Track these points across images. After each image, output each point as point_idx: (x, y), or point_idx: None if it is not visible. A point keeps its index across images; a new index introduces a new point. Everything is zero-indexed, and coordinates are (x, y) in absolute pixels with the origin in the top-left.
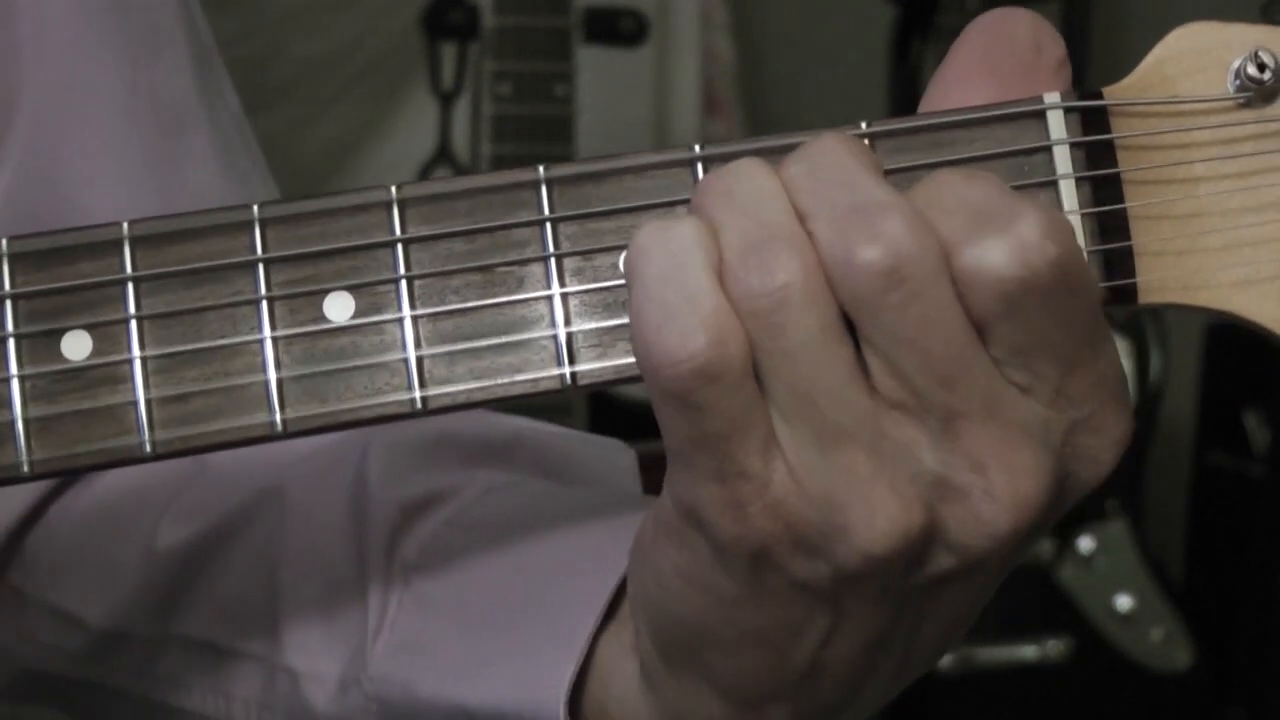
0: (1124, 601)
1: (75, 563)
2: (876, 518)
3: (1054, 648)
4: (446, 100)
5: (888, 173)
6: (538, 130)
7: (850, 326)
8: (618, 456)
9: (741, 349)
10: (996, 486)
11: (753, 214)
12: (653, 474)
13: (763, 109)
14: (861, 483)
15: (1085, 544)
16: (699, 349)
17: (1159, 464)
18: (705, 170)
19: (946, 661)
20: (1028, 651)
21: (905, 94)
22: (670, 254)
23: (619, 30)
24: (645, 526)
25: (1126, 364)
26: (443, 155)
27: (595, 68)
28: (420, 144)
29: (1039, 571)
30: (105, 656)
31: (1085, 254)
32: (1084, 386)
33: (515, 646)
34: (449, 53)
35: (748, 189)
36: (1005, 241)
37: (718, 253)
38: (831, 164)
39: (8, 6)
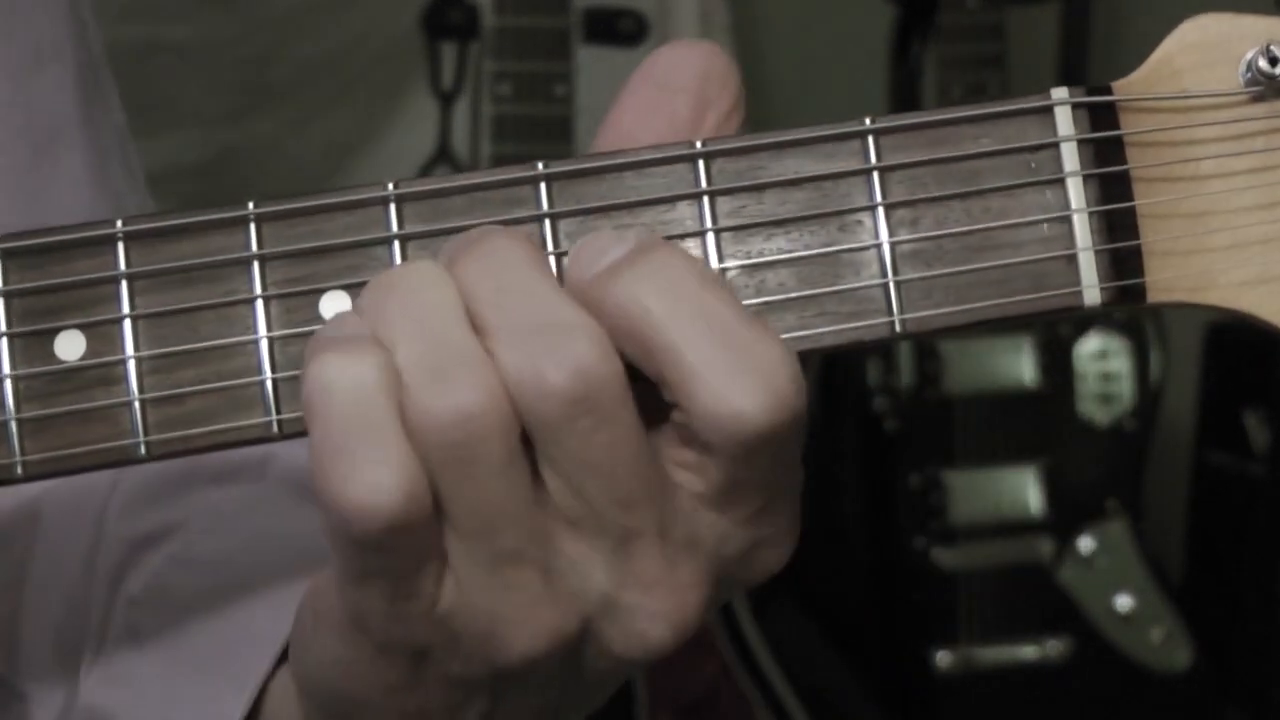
0: (1124, 601)
1: None
2: (538, 631)
3: (1054, 648)
4: (446, 100)
5: (891, 169)
6: (538, 130)
7: (527, 442)
8: None
9: (429, 494)
10: (664, 606)
11: (433, 333)
12: None
13: (763, 109)
14: (528, 601)
15: (1085, 544)
16: (391, 505)
17: (1159, 464)
18: (706, 167)
19: (946, 661)
20: (1028, 651)
21: (905, 94)
22: (353, 395)
23: (619, 30)
24: (304, 615)
25: (1126, 364)
26: (443, 155)
27: (595, 68)
28: (420, 144)
29: (1039, 571)
30: None
31: (1093, 253)
32: (778, 510)
33: (201, 686)
34: (449, 53)
35: (424, 300)
36: (761, 393)
37: (399, 383)
38: (509, 269)
39: None
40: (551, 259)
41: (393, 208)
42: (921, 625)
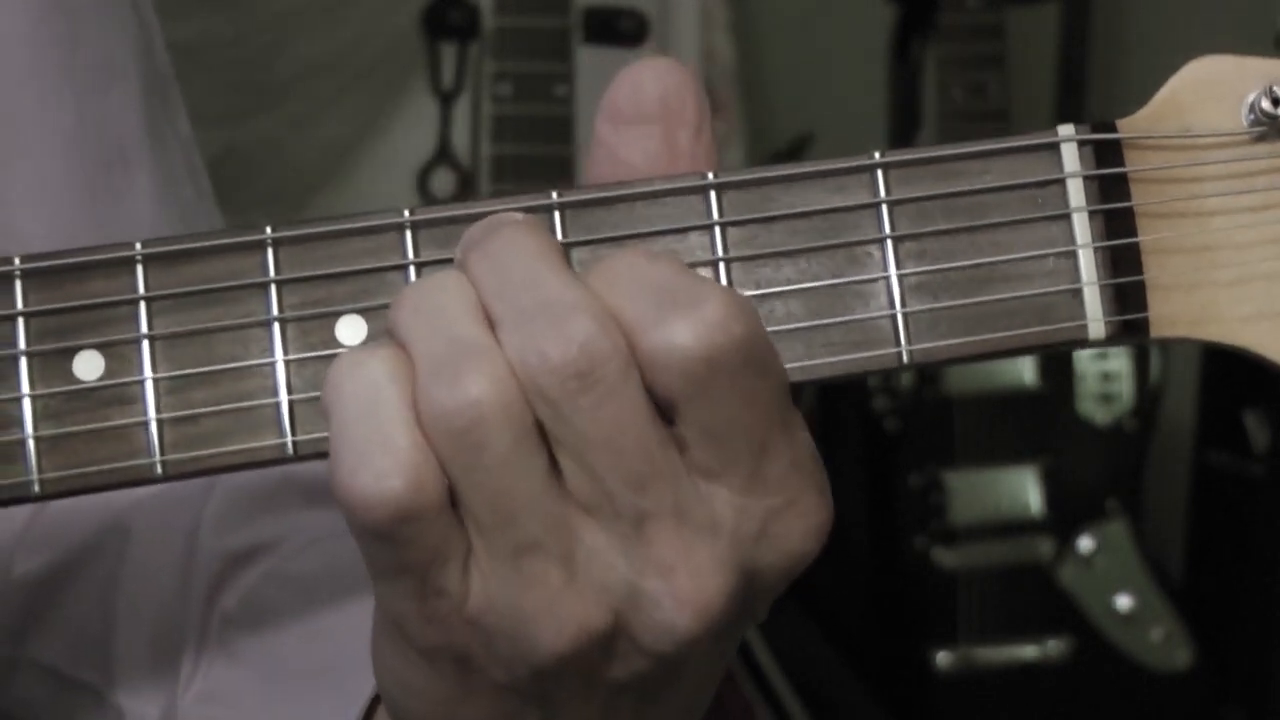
0: (1124, 601)
1: None
2: (564, 624)
3: (1054, 648)
4: (446, 100)
5: (899, 203)
6: (538, 130)
7: (542, 430)
8: None
9: (438, 483)
10: (683, 591)
11: (442, 329)
12: None
13: (763, 109)
14: (552, 594)
15: (1085, 544)
16: (396, 493)
17: (1159, 464)
18: (718, 199)
19: (946, 661)
20: (1028, 651)
21: (905, 94)
22: (363, 391)
23: (619, 30)
24: (372, 628)
25: (1126, 364)
26: (443, 155)
27: (595, 68)
28: (420, 144)
29: (1039, 571)
30: None
31: (1098, 287)
32: (779, 471)
33: (303, 705)
34: (449, 53)
35: (436, 302)
36: (690, 321)
37: (411, 379)
38: (515, 261)
39: None
40: None
41: (408, 234)
42: (921, 625)
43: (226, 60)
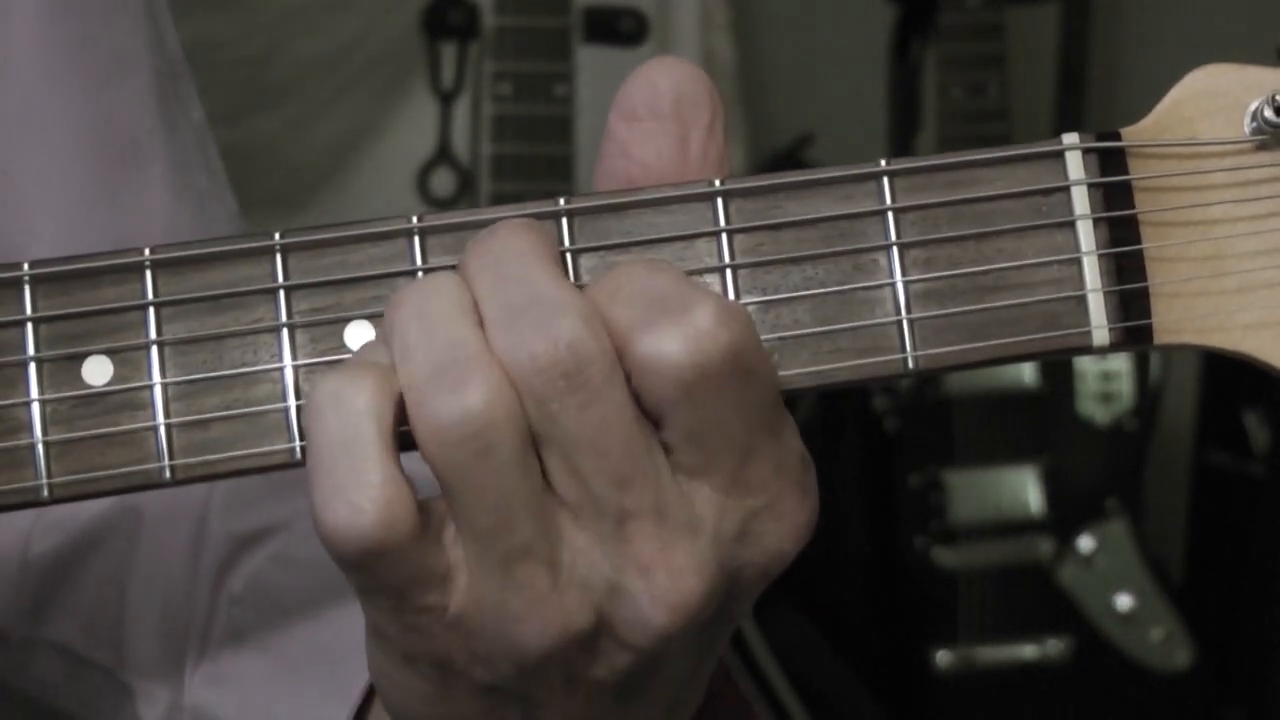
0: (1124, 601)
1: None
2: (548, 624)
3: (1054, 648)
4: (446, 100)
5: (905, 210)
6: (538, 130)
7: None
8: None
9: (410, 517)
10: (660, 588)
11: (439, 334)
12: None
13: (763, 109)
14: (536, 596)
15: (1085, 544)
16: (366, 529)
17: (1159, 464)
18: (725, 206)
19: (946, 661)
20: (1028, 651)
21: (905, 94)
22: (341, 422)
23: (619, 30)
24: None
25: (1126, 363)
26: (443, 155)
27: (595, 68)
28: (420, 144)
29: (1039, 571)
30: None
31: (1102, 294)
32: (763, 473)
33: (305, 691)
34: (449, 53)
35: (433, 306)
36: (679, 329)
37: (393, 405)
38: (507, 260)
39: None
40: None
41: (417, 240)
42: (921, 625)
43: (226, 60)
